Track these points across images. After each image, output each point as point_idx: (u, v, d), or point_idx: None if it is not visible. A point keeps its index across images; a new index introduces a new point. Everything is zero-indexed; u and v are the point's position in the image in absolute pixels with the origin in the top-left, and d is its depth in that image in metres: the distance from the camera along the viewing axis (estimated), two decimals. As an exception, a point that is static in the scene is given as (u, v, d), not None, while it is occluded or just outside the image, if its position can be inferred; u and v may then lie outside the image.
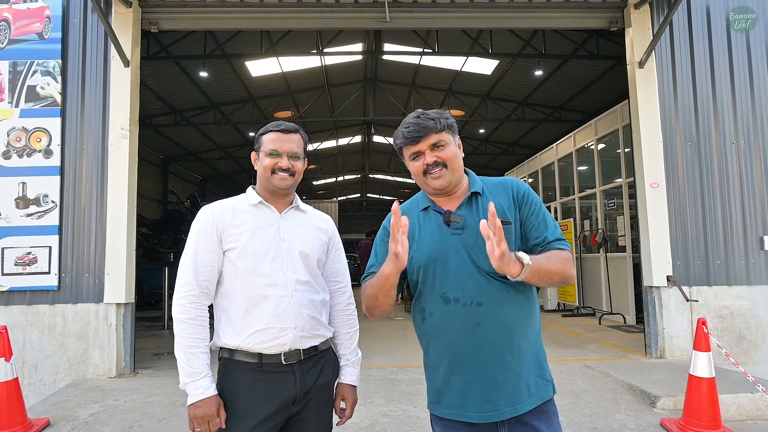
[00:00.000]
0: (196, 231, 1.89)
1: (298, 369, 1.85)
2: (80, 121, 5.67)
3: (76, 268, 5.52)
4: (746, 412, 4.34)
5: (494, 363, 1.63)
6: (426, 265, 1.74)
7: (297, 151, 1.94)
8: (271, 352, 1.83)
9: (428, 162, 1.75)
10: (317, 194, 32.06)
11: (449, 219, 1.74)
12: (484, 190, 1.78)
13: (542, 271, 1.58)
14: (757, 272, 5.88)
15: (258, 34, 10.50)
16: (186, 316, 1.80)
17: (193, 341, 1.78)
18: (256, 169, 2.00)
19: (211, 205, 1.96)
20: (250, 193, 1.98)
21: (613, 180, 9.84)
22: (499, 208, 1.67)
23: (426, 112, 1.81)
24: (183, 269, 1.85)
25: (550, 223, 1.74)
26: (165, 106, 14.05)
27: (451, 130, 1.78)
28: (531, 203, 1.74)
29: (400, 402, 4.57)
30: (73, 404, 4.61)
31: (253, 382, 1.82)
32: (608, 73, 11.81)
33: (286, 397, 1.83)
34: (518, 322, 1.67)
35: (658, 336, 5.81)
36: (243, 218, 1.91)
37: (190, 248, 1.88)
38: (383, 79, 14.96)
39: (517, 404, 1.63)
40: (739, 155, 6.02)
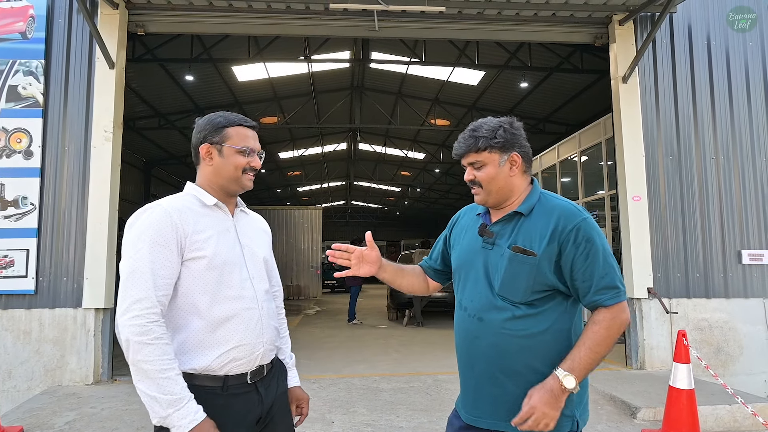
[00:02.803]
0: (150, 235, 1.55)
1: (261, 386, 1.71)
2: (62, 122, 5.59)
3: (54, 272, 5.41)
4: (724, 424, 4.41)
5: (485, 376, 1.69)
6: (458, 268, 1.86)
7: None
8: (238, 372, 1.64)
9: (467, 179, 1.79)
10: (301, 201, 31.91)
11: (483, 232, 1.78)
12: (532, 211, 1.71)
13: (591, 366, 1.58)
14: (735, 285, 5.99)
15: (245, 39, 10.45)
16: (150, 337, 1.46)
17: (165, 364, 1.47)
18: (205, 163, 1.74)
19: (160, 204, 1.63)
20: (199, 192, 1.73)
21: (595, 192, 9.97)
22: (532, 235, 1.66)
23: (483, 124, 1.74)
24: (136, 281, 1.50)
25: (598, 270, 1.60)
26: (149, 108, 13.89)
27: (500, 148, 1.70)
28: (579, 242, 1.61)
29: (383, 411, 4.54)
30: (48, 412, 4.50)
31: (218, 409, 1.57)
32: (592, 86, 11.98)
33: (252, 418, 1.67)
34: (516, 347, 1.64)
35: (639, 347, 5.87)
36: (204, 222, 1.66)
37: (143, 256, 1.53)
38: (370, 87, 14.99)
39: (502, 420, 1.64)
40: (718, 170, 6.15)
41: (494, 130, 1.71)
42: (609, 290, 1.60)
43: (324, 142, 19.84)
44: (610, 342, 1.59)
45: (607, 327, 1.58)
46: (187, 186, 1.79)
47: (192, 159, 1.85)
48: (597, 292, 1.60)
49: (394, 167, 24.43)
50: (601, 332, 1.58)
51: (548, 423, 1.54)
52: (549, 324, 1.64)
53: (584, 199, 9.98)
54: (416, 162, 22.65)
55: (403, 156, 21.34)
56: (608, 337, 1.58)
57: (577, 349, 1.58)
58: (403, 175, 26.03)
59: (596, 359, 1.57)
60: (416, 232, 37.70)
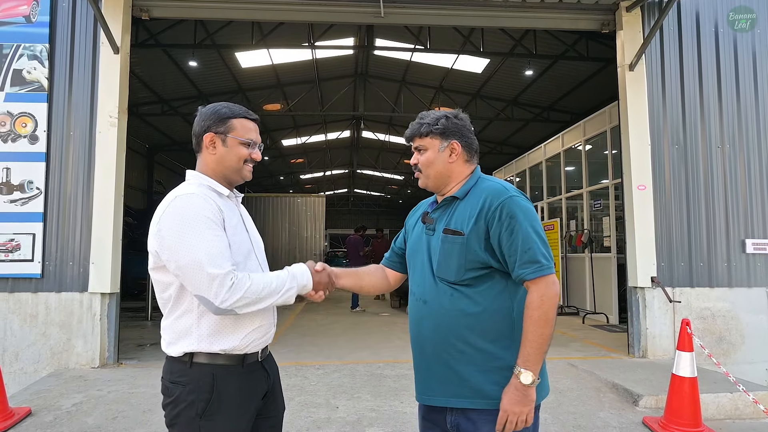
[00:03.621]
0: (204, 219, 1.61)
1: (266, 363, 1.85)
2: (67, 107, 5.58)
3: (60, 256, 5.44)
4: (725, 412, 4.44)
5: (432, 356, 1.77)
6: (409, 256, 1.98)
7: None
8: (254, 351, 1.76)
9: (411, 163, 1.95)
10: (304, 188, 31.92)
11: (425, 219, 1.92)
12: (467, 195, 1.80)
13: (542, 350, 1.64)
14: (739, 275, 5.99)
15: (249, 24, 10.41)
16: (247, 283, 1.61)
17: (266, 279, 1.67)
18: (208, 152, 1.78)
19: (192, 192, 1.68)
20: (211, 183, 1.77)
21: (599, 181, 9.95)
22: (463, 216, 1.76)
23: (430, 114, 1.89)
24: (212, 261, 1.56)
25: (521, 245, 1.66)
26: (152, 94, 13.88)
27: (440, 135, 1.84)
28: (503, 219, 1.68)
29: (387, 397, 4.58)
30: (55, 394, 4.55)
31: (240, 385, 1.71)
32: (597, 75, 11.92)
33: (260, 394, 1.80)
34: (458, 325, 1.72)
35: (641, 336, 5.89)
36: (227, 213, 1.75)
37: (205, 236, 1.59)
38: (374, 74, 14.93)
39: (451, 397, 1.73)
40: (724, 160, 6.12)
41: (438, 119, 1.85)
42: (531, 264, 1.65)
43: (327, 130, 19.82)
44: (548, 320, 1.63)
45: (538, 307, 1.63)
46: (194, 175, 1.81)
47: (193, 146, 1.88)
48: (521, 266, 1.66)
49: (397, 155, 24.41)
50: (535, 313, 1.63)
51: (524, 419, 1.63)
52: (487, 303, 1.72)
53: (588, 188, 9.97)
54: (419, 150, 22.58)
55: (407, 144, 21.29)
56: (543, 316, 1.63)
57: (524, 340, 1.65)
58: (406, 164, 26.00)
59: (543, 342, 1.63)
60: (418, 220, 37.62)
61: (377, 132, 20.34)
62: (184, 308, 1.67)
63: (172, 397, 1.66)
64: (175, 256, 1.59)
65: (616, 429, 3.99)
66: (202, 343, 1.66)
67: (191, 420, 1.63)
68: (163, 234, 1.62)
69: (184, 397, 1.64)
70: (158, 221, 1.65)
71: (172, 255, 1.60)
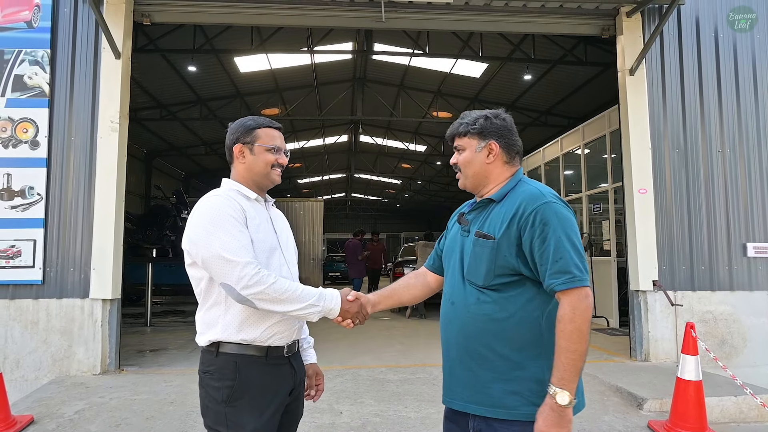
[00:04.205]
0: (226, 212, 1.76)
1: (294, 361, 1.93)
2: (69, 112, 5.56)
3: (61, 262, 5.41)
4: (730, 415, 4.44)
5: (456, 360, 1.76)
6: (444, 257, 1.96)
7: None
8: (278, 344, 1.85)
9: (451, 162, 1.93)
10: (302, 193, 31.90)
11: (460, 220, 1.90)
12: (505, 198, 1.76)
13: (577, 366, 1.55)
14: (740, 278, 6.01)
15: (248, 29, 10.40)
16: (272, 279, 1.71)
17: (292, 286, 1.75)
18: (238, 162, 1.95)
19: (217, 193, 1.86)
20: (240, 187, 1.92)
21: (598, 185, 9.97)
22: (497, 220, 1.72)
23: (471, 113, 1.87)
24: (234, 254, 1.69)
25: (554, 254, 1.59)
26: (150, 99, 13.85)
27: (478, 135, 1.81)
28: (536, 225, 1.62)
29: (391, 402, 4.57)
30: (57, 401, 4.52)
31: (263, 375, 1.81)
32: (595, 79, 11.96)
33: (287, 389, 1.88)
34: (483, 330, 1.68)
35: (644, 339, 5.90)
36: (253, 211, 1.88)
37: (227, 230, 1.73)
38: (372, 78, 14.94)
39: (471, 403, 1.69)
40: (724, 163, 6.15)
41: (477, 118, 1.82)
42: (562, 275, 1.57)
43: (325, 134, 19.81)
44: (582, 334, 1.55)
45: (570, 320, 1.55)
46: (226, 182, 1.97)
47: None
48: (551, 275, 1.59)
49: (395, 160, 24.42)
50: (568, 327, 1.55)
51: None
52: (514, 310, 1.66)
53: (587, 191, 9.99)
54: (417, 154, 22.63)
55: (404, 148, 21.31)
56: (577, 330, 1.54)
57: (557, 358, 1.56)
58: (404, 168, 26.02)
59: (578, 358, 1.55)
60: (417, 224, 37.70)
61: (375, 136, 20.35)
62: (212, 301, 1.82)
63: (203, 386, 1.82)
64: (201, 249, 1.75)
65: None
66: (227, 331, 1.78)
67: (218, 405, 1.76)
68: (190, 231, 1.80)
69: (212, 384, 1.79)
70: (189, 221, 1.83)
71: (198, 249, 1.76)
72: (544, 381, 1.61)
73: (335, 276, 22.35)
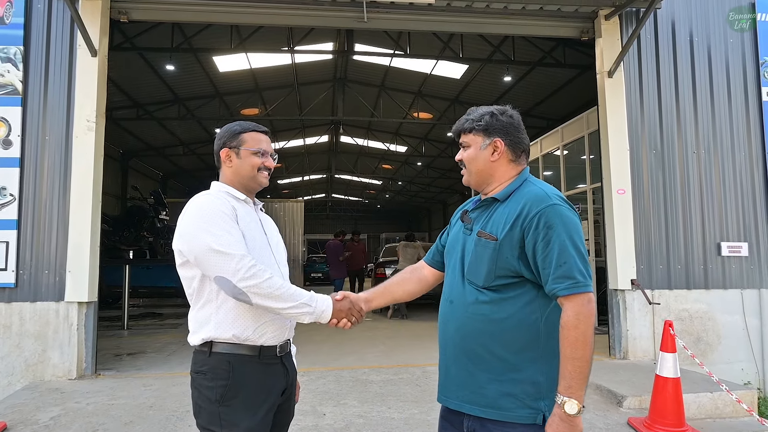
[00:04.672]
0: (217, 210, 1.79)
1: (286, 360, 1.94)
2: (43, 111, 5.43)
3: (35, 264, 5.27)
4: (706, 411, 4.53)
5: (452, 358, 1.74)
6: (446, 254, 1.93)
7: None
8: (271, 344, 1.86)
9: (456, 159, 1.89)
10: (282, 193, 31.67)
11: (463, 218, 1.87)
12: (509, 198, 1.73)
13: (584, 372, 1.54)
14: (715, 277, 6.15)
15: (227, 28, 10.29)
16: (267, 274, 1.73)
17: (286, 285, 1.78)
18: (226, 166, 1.98)
19: (208, 193, 1.91)
20: (229, 189, 1.95)
21: (577, 185, 10.10)
22: (500, 220, 1.69)
23: (477, 109, 1.83)
24: (229, 247, 1.71)
25: (557, 258, 1.57)
26: (126, 98, 13.60)
27: (483, 132, 1.78)
28: (540, 228, 1.59)
29: (374, 403, 4.55)
30: (31, 407, 4.40)
31: (256, 375, 1.82)
32: (573, 81, 12.11)
33: (280, 389, 1.89)
34: (480, 330, 1.67)
35: (622, 337, 5.99)
36: (241, 212, 1.90)
37: (220, 226, 1.75)
38: (353, 79, 14.91)
39: (466, 402, 1.68)
40: (699, 164, 6.28)
41: (482, 115, 1.79)
42: (565, 279, 1.55)
43: (306, 135, 19.71)
44: (586, 340, 1.53)
45: (574, 326, 1.53)
46: (215, 184, 1.99)
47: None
48: (555, 280, 1.56)
49: (375, 160, 24.41)
50: (572, 334, 1.53)
51: None
52: (513, 311, 1.64)
53: (566, 192, 10.10)
54: (398, 155, 22.66)
55: (385, 149, 21.32)
56: (581, 337, 1.52)
57: (563, 366, 1.55)
58: (385, 168, 26.02)
59: (584, 365, 1.53)
60: (397, 225, 37.74)
61: (356, 137, 20.32)
62: (205, 299, 1.83)
63: (196, 386, 1.82)
64: (194, 246, 1.76)
65: (602, 430, 4.03)
66: (220, 329, 1.79)
67: (211, 405, 1.76)
68: (182, 230, 1.81)
69: (205, 384, 1.78)
70: (180, 220, 1.83)
71: (191, 246, 1.77)
72: (539, 384, 1.61)
73: (317, 277, 22.31)
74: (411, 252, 10.58)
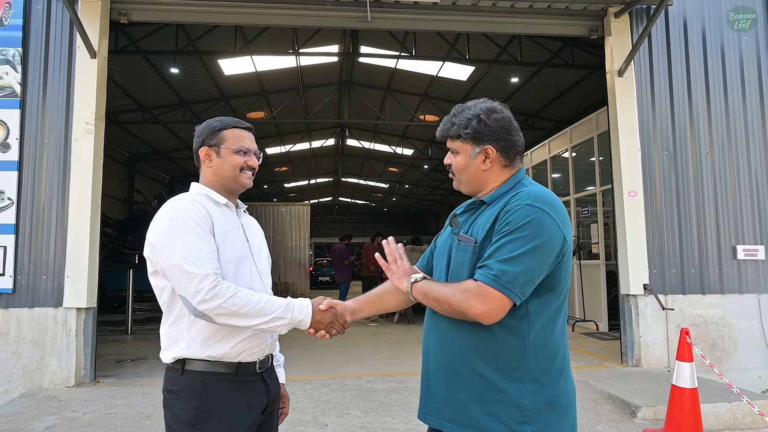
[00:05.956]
0: (188, 218, 1.64)
1: (267, 377, 1.80)
2: (41, 114, 5.35)
3: (33, 270, 5.19)
4: (724, 422, 4.35)
5: (433, 373, 1.63)
6: (434, 259, 1.81)
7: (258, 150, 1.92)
8: (249, 360, 1.72)
9: (445, 163, 1.75)
10: (288, 197, 31.63)
11: (451, 222, 1.77)
12: (496, 200, 1.61)
13: (428, 294, 1.58)
14: (730, 281, 5.95)
15: (232, 31, 10.22)
16: (231, 291, 1.58)
17: (255, 297, 1.62)
18: (205, 166, 1.83)
19: (182, 198, 1.74)
20: (209, 191, 1.81)
21: (586, 188, 9.92)
22: (481, 222, 1.59)
23: (464, 110, 1.66)
24: (194, 263, 1.57)
25: (501, 252, 1.46)
26: (132, 102, 13.58)
27: (472, 140, 1.62)
28: (503, 222, 1.49)
29: (378, 413, 4.41)
30: (27, 416, 4.30)
31: (233, 393, 1.68)
32: (581, 82, 11.94)
33: (259, 408, 1.76)
34: (462, 345, 1.54)
35: (635, 344, 5.81)
36: (222, 217, 1.76)
37: (189, 238, 1.60)
38: (359, 82, 14.81)
39: (447, 421, 1.55)
40: (713, 165, 6.10)
41: (469, 119, 1.62)
42: (486, 270, 1.45)
43: (311, 138, 19.64)
44: (447, 296, 1.51)
45: (459, 289, 1.49)
46: (195, 186, 1.86)
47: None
48: (480, 266, 1.48)
49: (382, 163, 24.30)
50: (460, 285, 1.50)
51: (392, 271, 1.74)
52: (496, 326, 1.49)
53: (575, 195, 9.93)
54: (404, 158, 22.53)
55: (392, 152, 21.20)
56: (458, 292, 1.49)
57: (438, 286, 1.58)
58: (391, 172, 25.89)
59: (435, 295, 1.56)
60: (404, 228, 37.60)
61: (362, 140, 20.21)
62: (176, 313, 1.69)
63: (168, 407, 1.69)
64: (161, 258, 1.63)
65: (615, 443, 3.87)
66: (192, 348, 1.65)
67: (184, 427, 1.63)
68: (151, 238, 1.67)
69: (177, 405, 1.65)
70: (150, 227, 1.70)
71: (159, 256, 1.64)
72: (524, 407, 1.48)
73: (324, 280, 22.26)
74: (417, 256, 10.38)
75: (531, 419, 1.48)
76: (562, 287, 1.56)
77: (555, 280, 1.53)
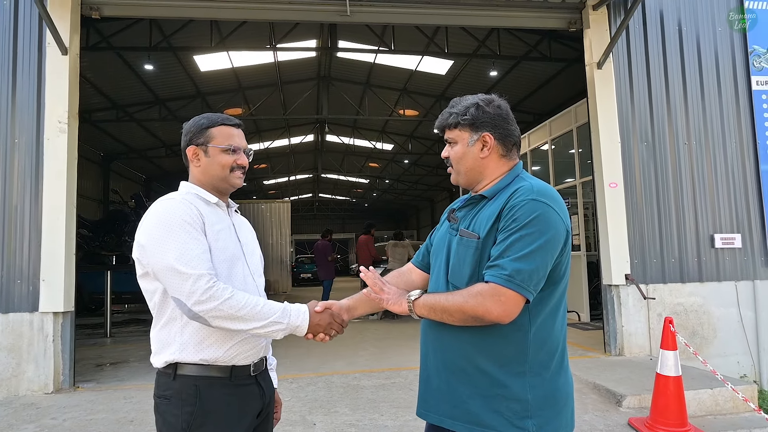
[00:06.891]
0: (180, 218, 1.58)
1: (261, 380, 1.76)
2: (11, 112, 5.17)
3: (6, 274, 5.02)
4: (706, 408, 4.43)
5: (433, 369, 1.62)
6: (431, 255, 1.79)
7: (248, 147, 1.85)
8: (243, 363, 1.68)
9: (442, 156, 1.72)
10: (268, 194, 31.35)
11: (450, 217, 1.73)
12: (497, 195, 1.59)
13: (435, 307, 1.53)
14: (709, 269, 6.06)
15: (207, 26, 10.03)
16: (227, 293, 1.53)
17: (251, 301, 1.57)
18: (194, 165, 1.78)
19: (173, 197, 1.69)
20: (199, 191, 1.75)
21: (565, 180, 10.02)
22: (483, 218, 1.57)
23: (461, 101, 1.67)
24: (187, 263, 1.52)
25: (509, 250, 1.45)
26: (106, 100, 13.27)
27: (470, 126, 1.62)
28: (509, 219, 1.48)
29: (366, 410, 4.38)
30: (4, 425, 4.17)
31: (227, 398, 1.63)
32: (559, 75, 12.03)
33: (255, 410, 1.72)
34: (462, 341, 1.53)
35: (617, 334, 5.88)
36: (213, 216, 1.71)
37: (180, 238, 1.55)
38: (337, 77, 14.71)
39: (447, 417, 1.55)
40: (691, 156, 6.19)
41: (467, 107, 1.64)
42: (499, 269, 1.43)
43: (291, 134, 19.46)
44: (456, 304, 1.48)
45: (469, 294, 1.46)
46: (184, 185, 1.80)
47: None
48: (490, 266, 1.46)
49: (362, 158, 24.22)
50: (468, 291, 1.47)
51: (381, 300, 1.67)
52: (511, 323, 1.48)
53: (555, 186, 10.02)
54: (385, 153, 22.49)
55: (372, 147, 21.14)
56: (458, 311, 1.47)
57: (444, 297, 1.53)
58: (372, 167, 25.83)
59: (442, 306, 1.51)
60: (385, 223, 37.56)
61: (341, 135, 20.11)
62: (168, 316, 1.64)
63: (160, 413, 1.63)
64: (152, 259, 1.58)
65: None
66: (185, 352, 1.60)
67: None
68: (141, 239, 1.61)
69: (170, 411, 1.60)
70: (139, 227, 1.64)
71: (150, 258, 1.58)
72: (526, 401, 1.48)
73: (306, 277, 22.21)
74: (400, 251, 10.43)
75: (533, 413, 1.48)
76: (563, 280, 1.56)
77: (557, 273, 1.53)
